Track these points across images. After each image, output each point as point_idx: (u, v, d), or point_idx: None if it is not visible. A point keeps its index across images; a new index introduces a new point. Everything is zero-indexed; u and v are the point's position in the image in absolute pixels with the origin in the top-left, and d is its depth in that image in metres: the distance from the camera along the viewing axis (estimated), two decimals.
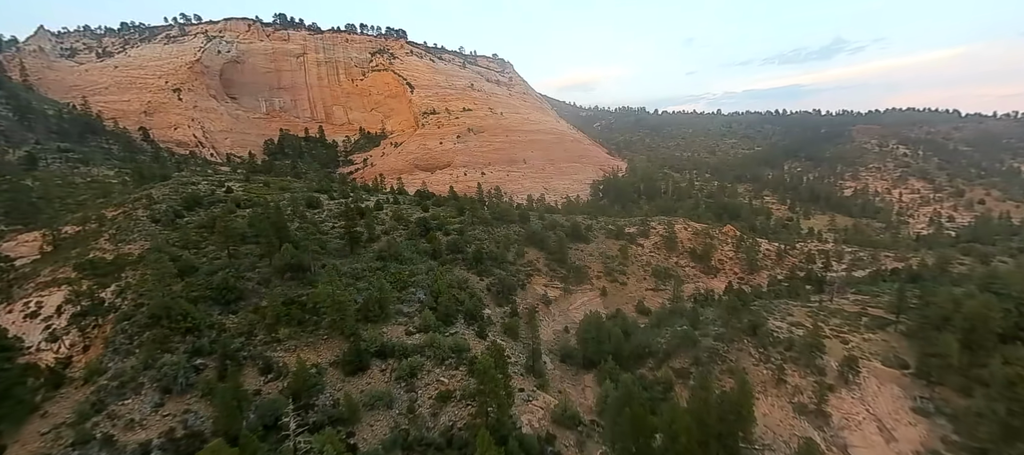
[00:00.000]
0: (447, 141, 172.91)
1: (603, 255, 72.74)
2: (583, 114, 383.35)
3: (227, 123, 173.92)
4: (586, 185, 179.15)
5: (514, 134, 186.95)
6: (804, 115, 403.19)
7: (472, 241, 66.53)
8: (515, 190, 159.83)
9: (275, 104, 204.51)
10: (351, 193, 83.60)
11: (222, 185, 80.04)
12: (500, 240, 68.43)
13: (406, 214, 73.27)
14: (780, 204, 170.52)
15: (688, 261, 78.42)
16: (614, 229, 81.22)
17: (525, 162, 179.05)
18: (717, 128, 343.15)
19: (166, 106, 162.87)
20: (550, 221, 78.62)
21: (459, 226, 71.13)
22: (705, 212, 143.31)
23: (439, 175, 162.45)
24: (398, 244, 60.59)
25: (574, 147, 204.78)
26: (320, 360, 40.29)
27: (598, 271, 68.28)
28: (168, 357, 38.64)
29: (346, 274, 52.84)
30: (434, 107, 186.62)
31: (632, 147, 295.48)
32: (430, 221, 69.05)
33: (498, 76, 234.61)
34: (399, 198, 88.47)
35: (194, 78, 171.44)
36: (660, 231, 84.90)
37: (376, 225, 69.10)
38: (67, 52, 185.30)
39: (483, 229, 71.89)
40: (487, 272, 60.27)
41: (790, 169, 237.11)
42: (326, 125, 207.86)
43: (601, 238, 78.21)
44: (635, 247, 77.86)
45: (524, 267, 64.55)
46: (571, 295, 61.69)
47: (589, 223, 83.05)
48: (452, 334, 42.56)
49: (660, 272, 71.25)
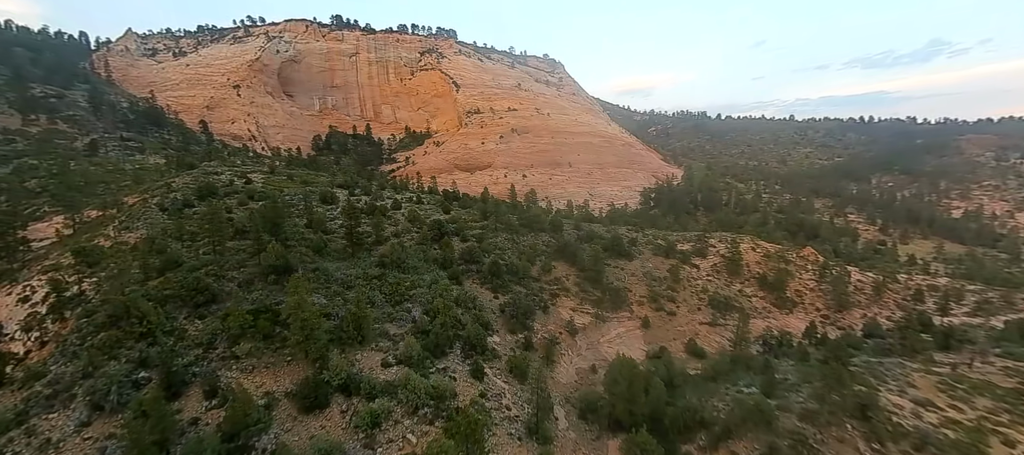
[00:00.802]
0: (489, 141, 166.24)
1: (648, 276, 60.89)
2: (637, 118, 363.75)
3: (280, 119, 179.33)
4: (636, 192, 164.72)
5: (560, 136, 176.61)
6: (895, 123, 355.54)
7: (491, 250, 57.65)
8: (556, 194, 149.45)
9: (328, 102, 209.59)
10: (372, 190, 77.96)
11: (243, 176, 77.52)
12: (525, 251, 58.96)
13: (423, 215, 65.95)
14: (868, 224, 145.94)
15: (756, 289, 64.25)
16: (664, 245, 68.80)
17: (570, 165, 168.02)
18: (788, 135, 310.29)
19: (226, 101, 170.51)
20: (587, 231, 67.90)
21: (480, 232, 62.56)
22: (774, 229, 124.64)
23: (479, 176, 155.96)
24: (402, 249, 53.04)
25: (625, 151, 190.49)
26: (276, 388, 33.05)
27: (640, 295, 56.66)
28: (112, 366, 33.23)
29: (337, 281, 45.95)
30: (478, 106, 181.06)
31: (690, 154, 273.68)
32: (446, 225, 61.06)
33: (547, 76, 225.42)
34: (422, 197, 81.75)
35: (252, 76, 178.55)
36: (721, 250, 71.16)
37: (388, 226, 62.34)
38: (149, 52, 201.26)
39: (508, 237, 62.79)
40: (504, 288, 51.06)
41: (879, 184, 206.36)
42: (374, 123, 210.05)
43: (647, 255, 66.25)
44: (689, 268, 65.08)
45: (550, 285, 54.59)
46: (604, 324, 50.84)
47: (633, 236, 71.24)
48: (439, 370, 33.80)
49: (719, 302, 58.14)
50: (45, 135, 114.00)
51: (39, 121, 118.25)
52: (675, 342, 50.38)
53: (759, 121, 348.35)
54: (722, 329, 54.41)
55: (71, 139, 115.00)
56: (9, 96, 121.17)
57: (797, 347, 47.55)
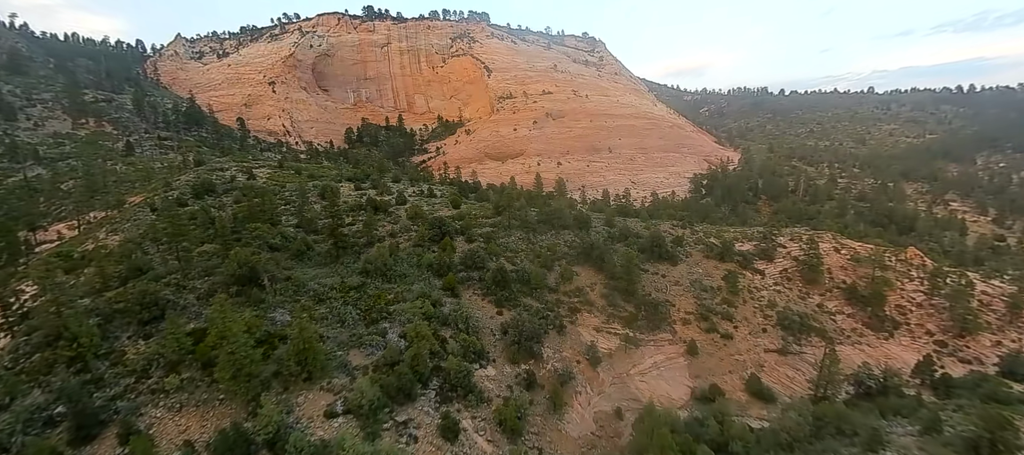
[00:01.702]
0: (522, 127, 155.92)
1: (697, 285, 48.83)
2: (688, 99, 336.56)
3: (314, 113, 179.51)
4: (685, 179, 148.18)
5: (599, 119, 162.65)
6: (1002, 92, 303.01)
7: (501, 253, 48.32)
8: (594, 183, 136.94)
9: (362, 94, 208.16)
10: (380, 183, 71.00)
11: (247, 171, 73.37)
12: (542, 254, 49.03)
13: (428, 211, 57.75)
14: (977, 214, 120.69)
15: (841, 304, 50.08)
16: (718, 244, 55.89)
17: (610, 151, 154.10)
18: (867, 111, 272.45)
19: (262, 98, 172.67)
20: (621, 228, 56.53)
21: (490, 231, 53.35)
22: (855, 221, 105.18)
23: (510, 165, 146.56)
24: (392, 253, 45.01)
25: (673, 134, 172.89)
26: (201, 435, 26.01)
27: (686, 311, 45.00)
28: (35, 395, 27.96)
29: (309, 293, 38.72)
30: (511, 91, 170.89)
31: (748, 135, 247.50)
32: (450, 223, 52.37)
33: (586, 56, 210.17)
34: (436, 190, 73.74)
35: (287, 72, 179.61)
36: (793, 251, 57.06)
37: (386, 224, 54.76)
38: (197, 55, 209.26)
39: (523, 236, 53.09)
40: (511, 301, 41.72)
41: (987, 165, 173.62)
42: (408, 114, 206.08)
43: (696, 257, 53.91)
44: (750, 275, 52.09)
45: (569, 297, 44.44)
46: (637, 349, 40.03)
47: (679, 234, 58.85)
48: (397, 424, 25.24)
49: (792, 321, 45.10)
50: (91, 137, 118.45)
51: (88, 124, 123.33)
52: (731, 376, 38.61)
53: (830, 96, 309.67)
54: (796, 359, 41.68)
55: (114, 140, 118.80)
56: (64, 102, 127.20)
57: (908, 389, 34.22)
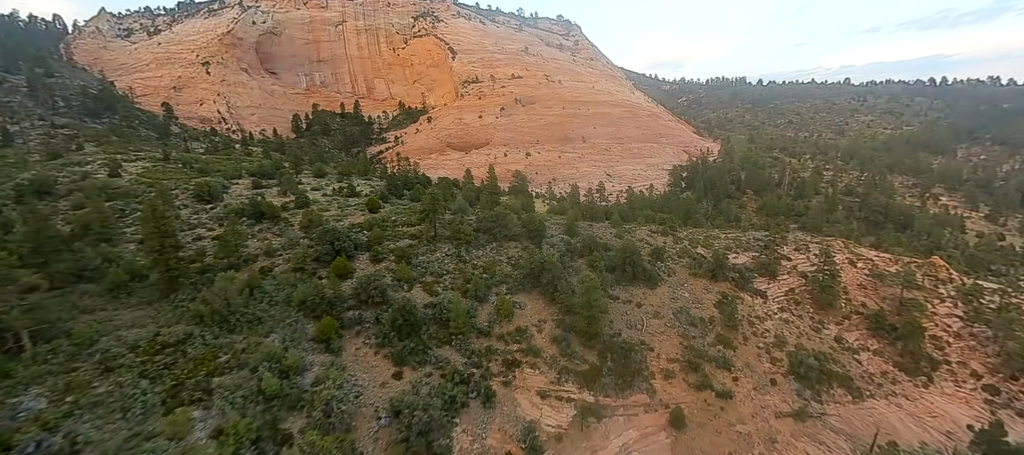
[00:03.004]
0: (488, 114, 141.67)
1: (683, 316, 36.55)
2: (666, 88, 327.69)
3: (257, 98, 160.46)
4: (663, 171, 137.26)
5: (573, 106, 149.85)
6: (973, 85, 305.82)
7: (417, 279, 34.85)
8: (566, 175, 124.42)
9: (316, 79, 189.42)
10: (285, 180, 56.08)
11: (115, 166, 57.27)
12: (475, 279, 35.70)
13: (330, 218, 43.63)
14: (968, 209, 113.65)
15: (863, 335, 38.74)
16: (708, 258, 43.79)
17: (584, 140, 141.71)
18: (844, 102, 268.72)
19: (194, 81, 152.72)
20: (586, 238, 43.70)
21: (410, 243, 39.68)
22: (846, 218, 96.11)
23: (475, 156, 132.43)
24: (248, 287, 31.00)
25: (651, 123, 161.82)
26: None
27: (669, 357, 32.65)
28: None
29: (96, 358, 24.50)
30: (477, 74, 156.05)
31: (727, 125, 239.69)
32: (352, 234, 38.48)
33: (560, 39, 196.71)
34: (361, 187, 59.42)
35: (224, 51, 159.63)
36: (800, 264, 45.51)
37: (270, 236, 40.42)
38: (124, 32, 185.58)
39: (453, 252, 39.59)
40: (419, 355, 28.52)
41: (968, 157, 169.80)
42: (367, 100, 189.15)
43: (681, 276, 41.62)
44: (749, 299, 40.18)
45: (507, 344, 31.44)
46: (600, 425, 27.38)
47: (659, 243, 46.45)
48: None
49: (808, 366, 33.28)
50: None
51: None
52: None
53: (808, 86, 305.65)
54: (818, 428, 29.86)
55: None
56: None
57: None
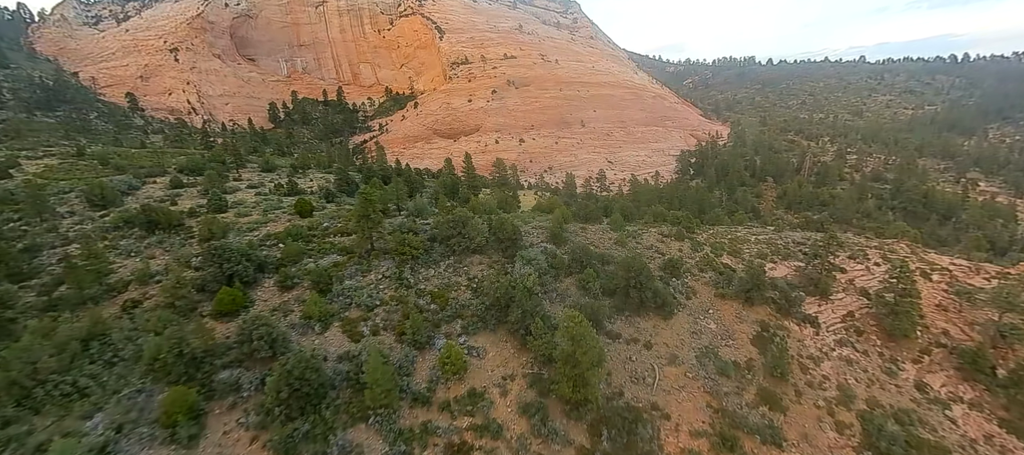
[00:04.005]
0: (478, 98, 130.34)
1: (709, 359, 26.23)
2: (670, 70, 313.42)
3: (232, 86, 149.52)
4: (670, 158, 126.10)
5: (570, 87, 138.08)
6: (997, 62, 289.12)
7: (334, 316, 24.67)
8: (563, 163, 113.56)
9: (297, 65, 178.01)
10: (215, 179, 45.72)
11: (14, 164, 47.16)
12: (414, 316, 25.35)
13: (242, 227, 33.37)
14: (1012, 195, 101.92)
15: (952, 378, 28.32)
16: (739, 276, 33.14)
17: (583, 125, 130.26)
18: (861, 82, 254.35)
19: (161, 69, 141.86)
20: (576, 247, 33.18)
21: (338, 259, 29.42)
22: (880, 208, 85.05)
23: (464, 143, 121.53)
24: (61, 341, 20.64)
25: (656, 105, 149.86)
26: None
27: (694, 427, 22.48)
28: None
29: None
30: (466, 55, 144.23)
31: (736, 107, 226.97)
32: (257, 251, 28.25)
33: (558, 17, 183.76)
34: (299, 183, 49.04)
35: (194, 36, 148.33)
36: (858, 276, 34.84)
37: (157, 252, 30.27)
38: (92, 20, 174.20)
39: (392, 273, 29.18)
40: (318, 439, 18.29)
41: (1001, 138, 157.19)
42: (353, 87, 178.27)
43: (704, 297, 31.16)
44: (796, 329, 29.79)
45: (453, 417, 21.28)
46: None
47: (672, 253, 35.89)
48: None
49: (890, 436, 22.99)
50: None
51: None
52: None
53: (821, 65, 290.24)
54: None
55: None
56: None
57: None
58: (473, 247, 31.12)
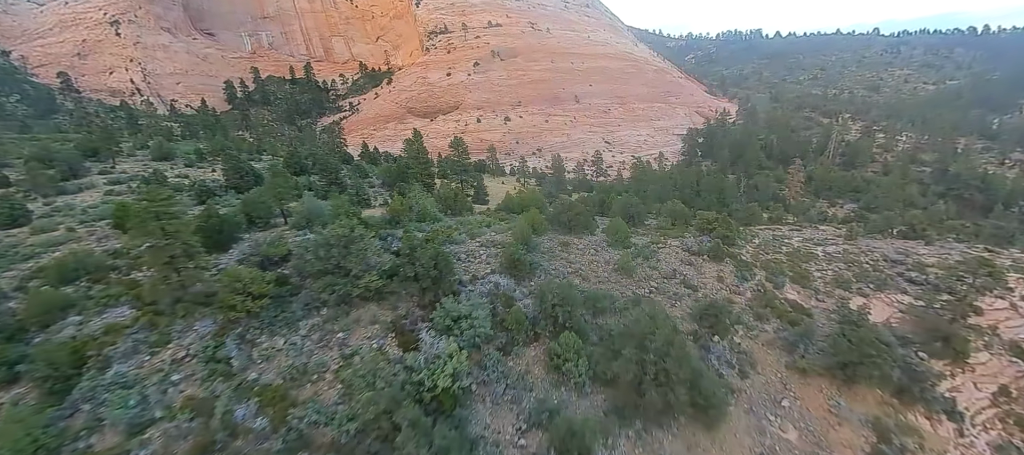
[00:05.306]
0: (458, 71, 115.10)
1: None
2: (672, 45, 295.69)
3: (184, 64, 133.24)
4: (675, 137, 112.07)
5: (564, 59, 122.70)
6: (1020, 34, 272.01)
7: (53, 451, 10.84)
8: (554, 143, 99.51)
9: (263, 39, 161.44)
10: (33, 167, 31.72)
11: None
12: (294, 432, 11.80)
13: (15, 253, 19.61)
14: None
15: None
16: (834, 332, 19.88)
17: (577, 101, 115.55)
18: (876, 55, 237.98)
19: (101, 45, 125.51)
20: (550, 285, 19.68)
21: (111, 324, 15.66)
22: (928, 196, 71.90)
23: (441, 123, 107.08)
24: None
25: (658, 80, 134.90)
26: None
27: None
28: None
29: None
30: (446, 23, 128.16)
31: (744, 83, 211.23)
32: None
33: None
34: (148, 177, 35.22)
35: (138, 7, 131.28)
36: (1008, 319, 21.68)
37: None
38: None
39: (210, 344, 15.49)
40: None
41: None
42: (325, 63, 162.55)
43: (767, 370, 17.97)
44: (927, 427, 16.59)
45: None
46: None
47: (711, 284, 22.54)
48: None
49: None
50: None
51: None
52: None
53: (833, 38, 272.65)
54: None
55: None
56: None
57: None
58: (367, 293, 17.58)
